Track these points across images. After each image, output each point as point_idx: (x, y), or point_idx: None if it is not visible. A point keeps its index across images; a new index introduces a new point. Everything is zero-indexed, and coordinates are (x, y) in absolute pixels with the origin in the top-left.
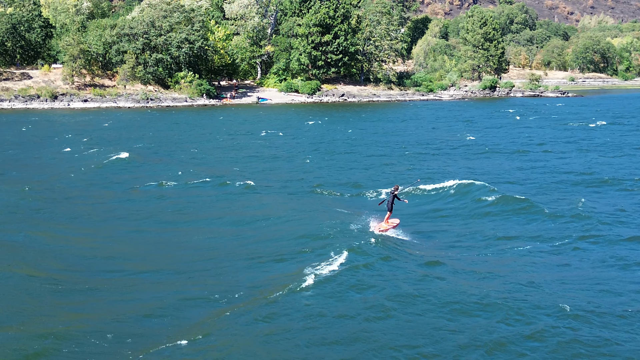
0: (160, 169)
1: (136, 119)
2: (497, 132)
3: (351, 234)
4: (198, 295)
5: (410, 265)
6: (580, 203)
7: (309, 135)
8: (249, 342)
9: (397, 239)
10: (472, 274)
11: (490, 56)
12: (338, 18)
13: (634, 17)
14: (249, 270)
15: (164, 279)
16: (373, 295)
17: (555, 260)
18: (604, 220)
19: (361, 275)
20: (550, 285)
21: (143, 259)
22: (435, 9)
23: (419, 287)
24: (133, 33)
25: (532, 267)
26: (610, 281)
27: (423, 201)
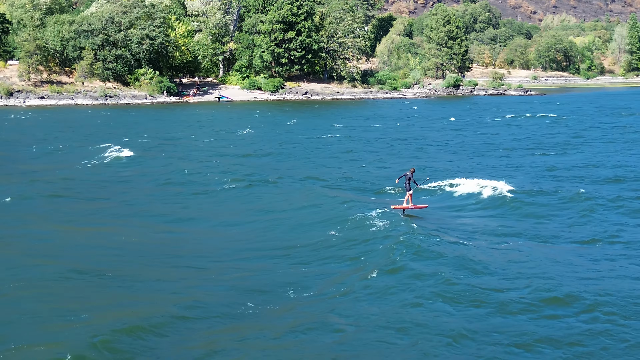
0: (159, 165)
1: (95, 116)
2: (484, 129)
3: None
4: (250, 287)
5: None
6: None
7: (285, 132)
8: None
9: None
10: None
11: (453, 54)
12: (301, 15)
13: (596, 16)
14: (292, 264)
15: (210, 270)
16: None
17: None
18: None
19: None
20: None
21: (181, 252)
22: (400, 8)
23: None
24: (91, 29)
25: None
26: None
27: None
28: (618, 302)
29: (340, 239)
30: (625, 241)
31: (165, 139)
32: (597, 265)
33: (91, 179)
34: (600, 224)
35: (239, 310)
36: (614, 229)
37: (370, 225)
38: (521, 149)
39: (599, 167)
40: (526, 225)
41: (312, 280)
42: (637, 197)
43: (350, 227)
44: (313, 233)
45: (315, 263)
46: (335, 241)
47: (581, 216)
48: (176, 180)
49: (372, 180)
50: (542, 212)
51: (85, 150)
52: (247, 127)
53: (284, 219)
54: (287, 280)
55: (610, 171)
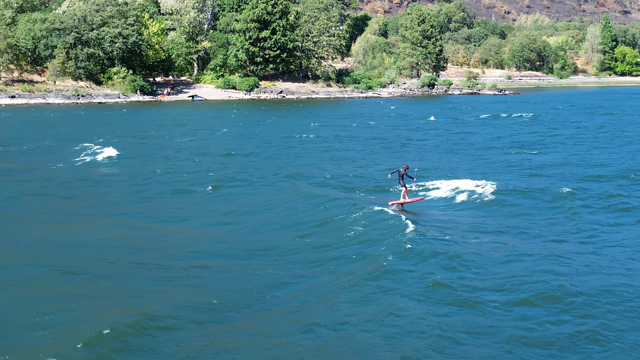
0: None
1: (66, 115)
2: (469, 128)
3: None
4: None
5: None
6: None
7: (263, 132)
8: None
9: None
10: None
11: (428, 54)
12: (276, 14)
13: (569, 16)
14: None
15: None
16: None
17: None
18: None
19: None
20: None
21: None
22: (375, 7)
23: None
24: (63, 27)
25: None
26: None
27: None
28: (614, 301)
29: (325, 239)
30: (617, 239)
31: (141, 139)
32: (588, 261)
33: (68, 179)
34: (587, 223)
35: (223, 313)
36: (603, 226)
37: (360, 224)
38: (502, 147)
39: (581, 166)
40: (512, 222)
41: (300, 281)
42: (619, 194)
43: (334, 226)
44: (298, 232)
45: (304, 263)
46: (318, 242)
47: (571, 214)
48: (156, 180)
49: (357, 179)
50: (526, 210)
51: (61, 150)
52: (224, 126)
53: (271, 217)
54: (271, 281)
55: (592, 169)
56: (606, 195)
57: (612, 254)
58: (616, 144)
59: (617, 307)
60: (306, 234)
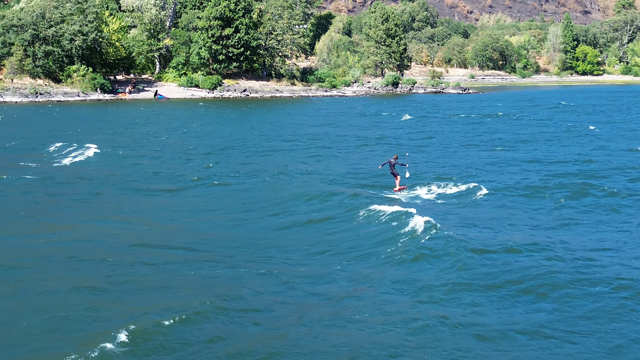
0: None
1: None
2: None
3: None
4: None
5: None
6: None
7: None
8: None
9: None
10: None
11: (392, 52)
12: (239, 11)
13: (531, 16)
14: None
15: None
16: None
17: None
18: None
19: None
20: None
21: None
22: (339, 6)
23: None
24: (21, 24)
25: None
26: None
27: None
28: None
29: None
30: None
31: (108, 138)
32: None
33: (40, 179)
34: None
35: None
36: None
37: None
38: (483, 145)
39: (564, 162)
40: (500, 216)
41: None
42: (600, 187)
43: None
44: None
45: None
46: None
47: (555, 206)
48: (136, 179)
49: (342, 175)
50: (514, 205)
51: (33, 150)
52: (193, 124)
53: (267, 214)
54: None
55: (577, 165)
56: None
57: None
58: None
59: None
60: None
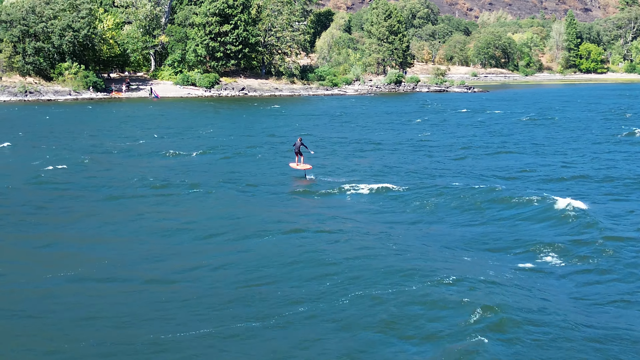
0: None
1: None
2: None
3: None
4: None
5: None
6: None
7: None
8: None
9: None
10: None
11: (394, 50)
12: (237, 7)
13: (531, 13)
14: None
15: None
16: None
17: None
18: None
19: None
20: None
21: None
22: (338, 3)
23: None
24: (10, 20)
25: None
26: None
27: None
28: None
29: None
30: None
31: (102, 141)
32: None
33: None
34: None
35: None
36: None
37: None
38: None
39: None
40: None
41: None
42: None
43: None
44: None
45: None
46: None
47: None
48: (142, 185)
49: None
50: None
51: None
52: (195, 125)
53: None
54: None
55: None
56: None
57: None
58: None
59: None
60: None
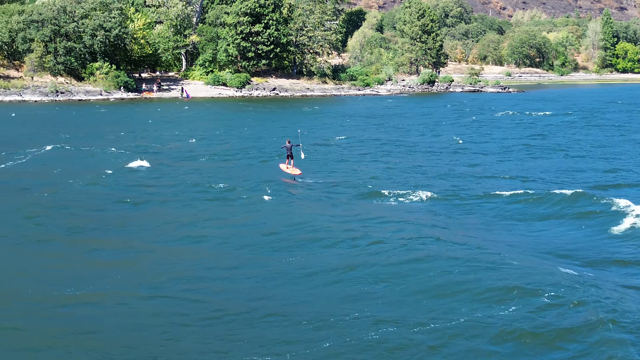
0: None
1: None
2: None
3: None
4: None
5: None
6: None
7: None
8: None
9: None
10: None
11: (428, 49)
12: (269, 7)
13: (565, 12)
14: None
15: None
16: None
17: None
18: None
19: None
20: None
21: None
22: (370, 2)
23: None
24: (41, 19)
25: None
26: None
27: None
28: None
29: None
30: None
31: (140, 141)
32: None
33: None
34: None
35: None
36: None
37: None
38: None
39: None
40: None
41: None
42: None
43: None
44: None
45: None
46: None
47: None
48: (199, 189)
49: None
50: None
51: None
52: (234, 126)
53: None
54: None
55: None
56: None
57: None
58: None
59: None
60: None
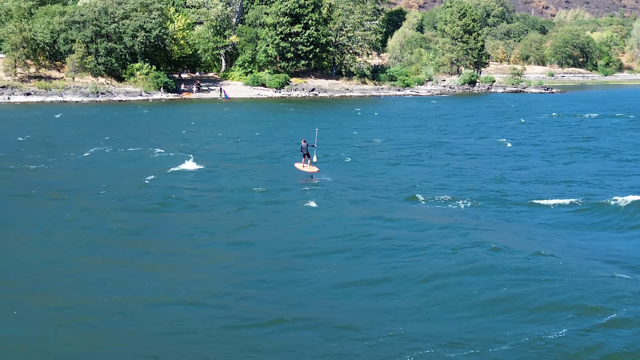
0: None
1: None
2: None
3: None
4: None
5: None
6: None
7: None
8: None
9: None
10: None
11: (469, 49)
12: (309, 7)
13: (609, 11)
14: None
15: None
16: None
17: None
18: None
19: None
20: None
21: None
22: (410, 2)
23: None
24: (83, 20)
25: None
26: None
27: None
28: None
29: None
30: None
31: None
32: None
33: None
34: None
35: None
36: None
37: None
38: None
39: None
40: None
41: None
42: None
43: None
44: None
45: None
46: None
47: None
48: (254, 193)
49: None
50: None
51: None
52: (275, 128)
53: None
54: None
55: None
56: None
57: None
58: None
59: None
60: None
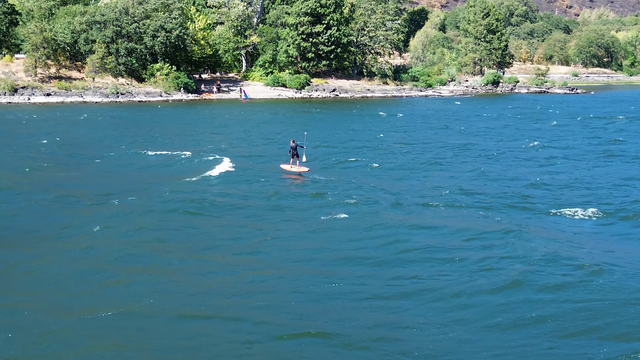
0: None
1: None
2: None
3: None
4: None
5: None
6: None
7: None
8: None
9: None
10: None
11: (493, 49)
12: (330, 6)
13: (634, 10)
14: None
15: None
16: None
17: None
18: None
19: None
20: None
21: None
22: (432, 1)
23: None
24: (103, 20)
25: None
26: None
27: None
28: None
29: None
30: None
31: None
32: None
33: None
34: None
35: None
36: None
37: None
38: None
39: None
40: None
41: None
42: None
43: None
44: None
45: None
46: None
47: None
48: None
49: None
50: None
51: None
52: (299, 130)
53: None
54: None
55: None
56: None
57: None
58: None
59: None
60: None
